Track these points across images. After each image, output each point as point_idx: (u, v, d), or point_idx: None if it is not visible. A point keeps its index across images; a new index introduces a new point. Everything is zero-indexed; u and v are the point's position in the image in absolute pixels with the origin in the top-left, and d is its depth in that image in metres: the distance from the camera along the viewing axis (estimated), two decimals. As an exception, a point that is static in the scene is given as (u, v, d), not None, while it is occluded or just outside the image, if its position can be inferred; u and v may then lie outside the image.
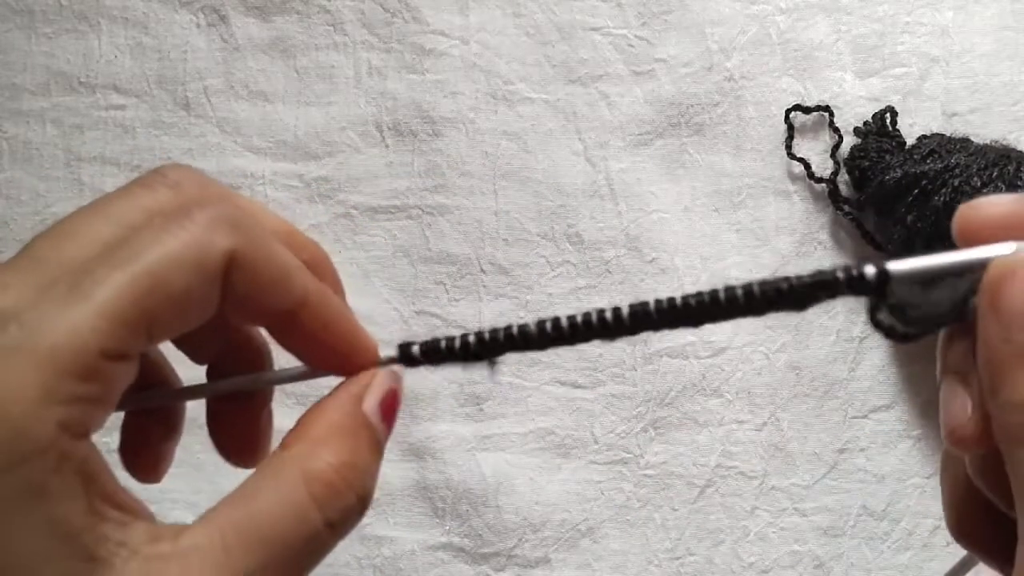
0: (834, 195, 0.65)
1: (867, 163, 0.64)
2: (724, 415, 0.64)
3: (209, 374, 0.30)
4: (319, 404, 0.27)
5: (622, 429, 0.64)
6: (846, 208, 0.65)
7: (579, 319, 0.27)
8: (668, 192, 0.67)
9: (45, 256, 0.24)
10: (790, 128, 0.66)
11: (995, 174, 0.59)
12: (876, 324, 0.26)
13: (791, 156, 0.66)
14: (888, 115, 0.65)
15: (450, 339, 0.27)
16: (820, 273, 0.26)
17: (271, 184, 0.68)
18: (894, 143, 0.64)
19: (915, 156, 0.62)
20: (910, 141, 0.64)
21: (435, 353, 0.27)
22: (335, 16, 0.69)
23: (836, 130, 0.66)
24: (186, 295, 0.23)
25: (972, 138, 0.63)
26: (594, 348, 0.65)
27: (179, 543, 0.23)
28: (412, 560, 0.64)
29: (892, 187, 0.61)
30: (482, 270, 0.66)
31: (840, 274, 0.25)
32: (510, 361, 0.66)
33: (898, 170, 0.62)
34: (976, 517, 0.28)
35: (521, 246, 0.66)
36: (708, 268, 0.66)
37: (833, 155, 0.66)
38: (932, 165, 0.61)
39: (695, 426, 0.64)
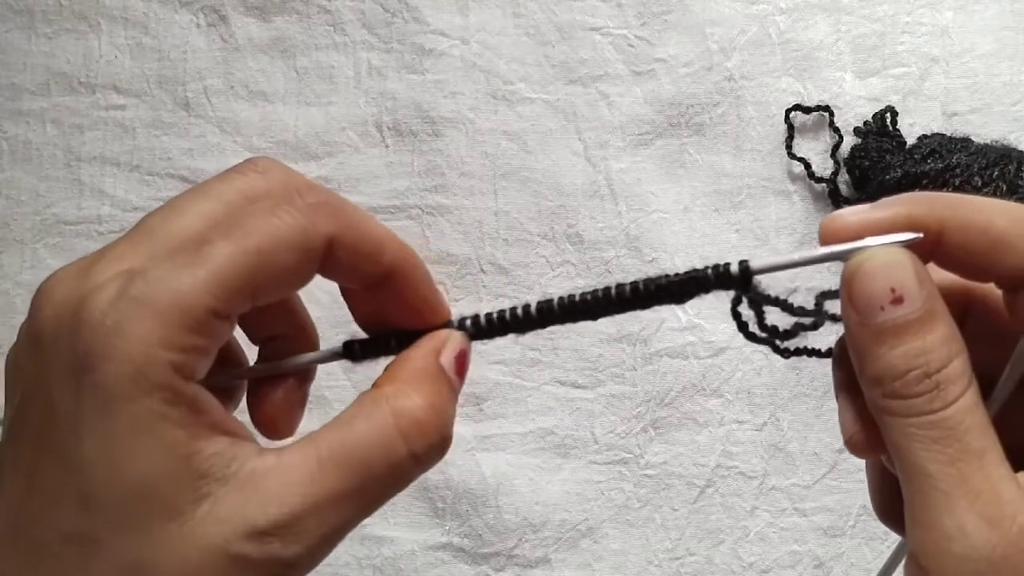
0: (834, 195, 0.65)
1: (867, 163, 0.64)
2: (724, 415, 0.64)
3: (260, 353, 0.33)
4: (403, 354, 0.30)
5: (622, 429, 0.64)
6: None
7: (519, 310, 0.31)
8: (668, 192, 0.67)
9: (156, 228, 0.27)
10: (790, 128, 0.66)
11: (995, 174, 0.59)
12: (735, 316, 0.29)
13: (791, 156, 0.66)
14: (888, 115, 0.65)
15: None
16: (694, 270, 0.29)
17: (271, 184, 0.68)
18: (894, 143, 0.64)
19: (915, 156, 0.62)
20: (910, 141, 0.64)
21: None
22: (335, 16, 0.69)
23: (836, 130, 0.66)
24: (288, 270, 0.27)
25: (972, 138, 0.63)
26: (594, 348, 0.65)
27: (281, 458, 0.26)
28: (412, 560, 0.64)
29: (892, 187, 0.61)
30: (482, 270, 0.66)
31: (709, 270, 0.29)
32: (510, 361, 0.66)
33: (898, 170, 0.62)
34: (895, 499, 0.30)
35: (521, 246, 0.66)
36: (708, 268, 0.66)
37: (833, 155, 0.66)
38: (932, 165, 0.61)
39: (695, 426, 0.64)
